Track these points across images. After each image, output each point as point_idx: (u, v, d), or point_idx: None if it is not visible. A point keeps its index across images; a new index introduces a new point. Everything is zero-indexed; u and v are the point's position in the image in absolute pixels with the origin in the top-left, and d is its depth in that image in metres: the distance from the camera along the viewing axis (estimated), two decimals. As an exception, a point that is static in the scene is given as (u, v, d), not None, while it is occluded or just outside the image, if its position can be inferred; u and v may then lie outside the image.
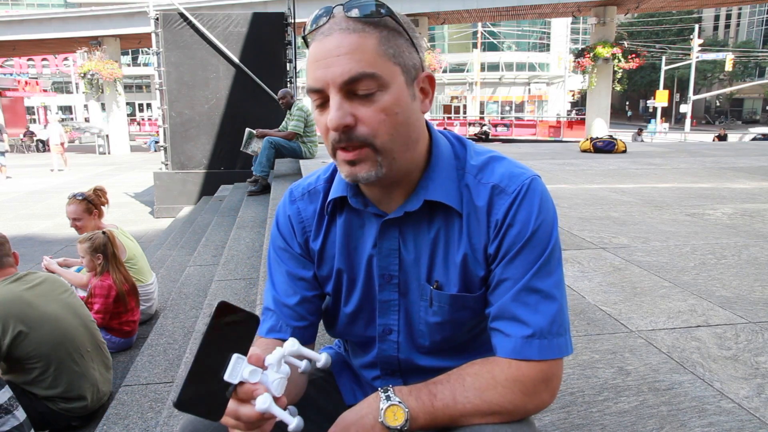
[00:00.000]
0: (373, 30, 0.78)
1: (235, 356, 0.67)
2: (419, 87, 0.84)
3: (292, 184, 1.03)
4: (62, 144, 16.91)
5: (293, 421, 0.70)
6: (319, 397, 1.02)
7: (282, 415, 0.69)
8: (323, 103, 0.80)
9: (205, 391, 0.66)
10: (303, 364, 0.77)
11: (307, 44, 0.85)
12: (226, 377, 0.66)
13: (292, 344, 0.74)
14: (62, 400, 2.53)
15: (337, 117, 0.77)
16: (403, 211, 0.88)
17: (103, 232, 3.43)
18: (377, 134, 0.79)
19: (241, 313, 0.69)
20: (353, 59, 0.76)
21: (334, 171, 0.98)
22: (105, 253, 3.36)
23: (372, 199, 0.91)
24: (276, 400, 0.70)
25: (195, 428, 0.88)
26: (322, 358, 0.76)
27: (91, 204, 3.80)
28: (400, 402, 0.79)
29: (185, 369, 0.67)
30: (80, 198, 3.77)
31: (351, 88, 0.77)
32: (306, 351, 0.75)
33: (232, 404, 0.69)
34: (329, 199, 0.94)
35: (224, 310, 0.68)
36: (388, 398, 0.80)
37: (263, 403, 0.67)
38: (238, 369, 0.67)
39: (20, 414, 2.22)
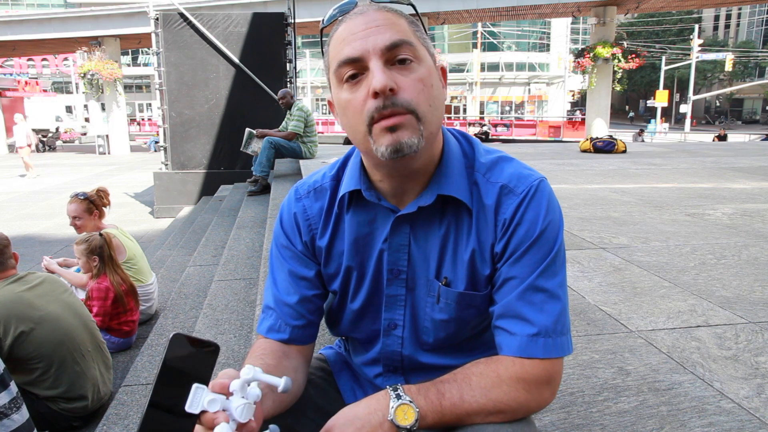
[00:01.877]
0: (400, 15, 0.83)
1: (194, 386, 0.67)
2: (438, 74, 0.87)
3: (297, 182, 1.03)
4: (29, 146, 15.19)
5: None
6: (318, 396, 1.02)
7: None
8: (356, 76, 0.80)
9: (167, 424, 0.66)
10: (282, 383, 0.75)
11: (321, 40, 0.88)
12: (187, 408, 0.66)
13: (247, 372, 0.72)
14: (63, 400, 2.53)
15: (382, 80, 0.77)
16: (416, 206, 0.88)
17: (100, 234, 3.43)
18: (419, 102, 0.80)
19: (198, 343, 0.69)
20: (392, 29, 0.80)
21: (341, 169, 0.98)
22: (101, 255, 3.35)
23: (384, 194, 0.91)
24: (242, 426, 0.69)
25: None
26: (281, 383, 0.74)
27: (92, 204, 3.80)
28: (411, 401, 0.79)
29: (145, 406, 0.67)
30: (82, 197, 3.77)
31: (391, 56, 0.79)
32: (265, 377, 0.74)
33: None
34: (342, 192, 0.94)
35: (179, 342, 0.68)
36: (398, 397, 0.79)
37: (222, 426, 0.67)
38: (198, 399, 0.67)
39: (19, 417, 2.20)
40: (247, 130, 6.50)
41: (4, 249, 2.52)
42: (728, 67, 33.35)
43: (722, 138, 22.65)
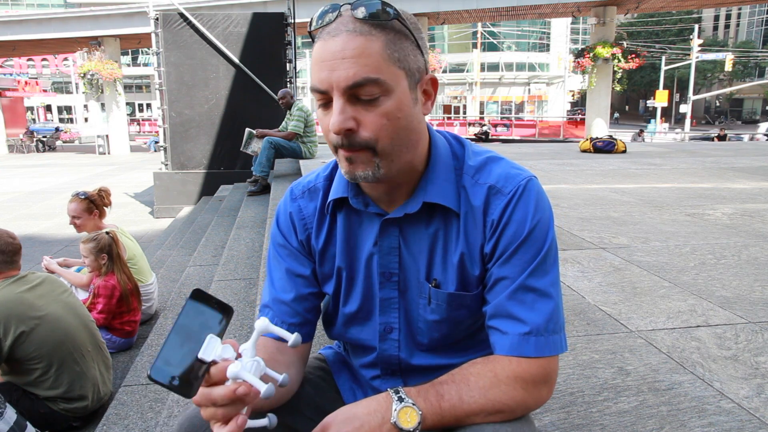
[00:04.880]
0: (379, 33, 0.78)
1: (209, 336, 0.68)
2: (422, 90, 0.85)
3: (293, 183, 1.04)
4: None
5: (264, 387, 0.69)
6: (317, 395, 1.02)
7: (254, 381, 0.69)
8: (326, 104, 0.81)
9: (179, 367, 0.66)
10: (281, 378, 0.75)
11: (312, 39, 0.86)
12: (200, 354, 0.67)
13: (262, 322, 0.73)
14: (63, 401, 2.53)
15: (339, 121, 0.78)
16: (402, 213, 0.89)
17: (107, 233, 3.43)
18: (378, 138, 0.80)
19: (215, 301, 0.70)
20: (358, 63, 0.76)
21: (334, 169, 0.98)
22: (110, 253, 3.37)
23: (373, 198, 0.92)
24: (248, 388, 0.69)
25: (192, 425, 0.88)
26: (292, 337, 0.74)
27: (92, 204, 3.80)
28: (413, 404, 0.79)
29: (162, 343, 0.68)
30: (82, 197, 3.78)
31: (354, 93, 0.78)
32: (276, 329, 0.75)
33: (204, 389, 0.69)
34: (330, 199, 0.94)
35: (199, 296, 0.70)
36: (401, 399, 0.79)
37: (234, 367, 0.68)
38: (211, 348, 0.68)
39: (3, 424, 2.19)
40: (247, 130, 6.51)
41: (17, 251, 2.55)
42: (728, 67, 33.32)
43: (722, 138, 22.62)
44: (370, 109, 0.79)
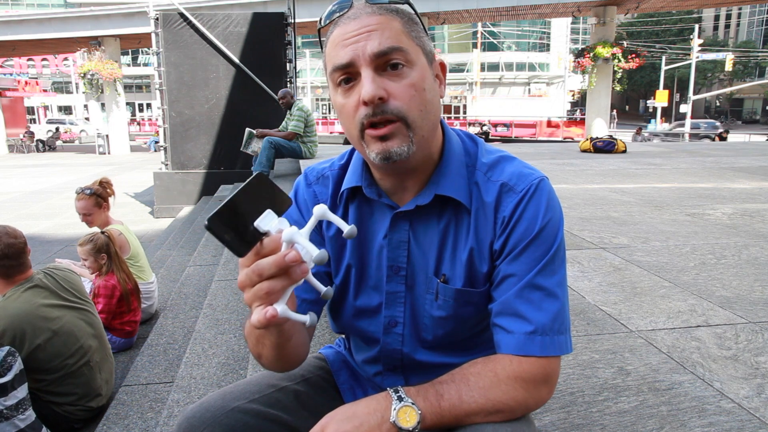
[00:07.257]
0: (395, 15, 0.82)
1: (268, 210, 0.68)
2: (435, 73, 0.87)
3: (307, 168, 1.04)
4: None
5: (316, 252, 0.67)
6: (317, 394, 1.03)
7: (307, 245, 0.68)
8: (348, 81, 0.81)
9: (235, 224, 0.66)
10: (308, 318, 0.75)
11: (320, 40, 0.87)
12: (257, 222, 0.67)
13: (321, 208, 0.72)
14: (67, 405, 2.52)
15: (371, 89, 0.78)
16: (414, 205, 0.89)
17: (102, 232, 3.43)
18: (409, 108, 0.81)
19: (277, 189, 0.70)
20: (383, 35, 0.80)
21: (349, 159, 0.99)
22: (108, 252, 3.36)
23: (386, 190, 0.92)
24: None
25: (191, 425, 0.88)
26: (346, 228, 0.72)
27: (99, 198, 3.80)
28: (413, 403, 0.79)
29: (224, 201, 0.67)
30: (89, 193, 3.78)
31: (381, 62, 0.79)
32: (333, 216, 0.73)
33: (253, 259, 0.67)
34: (344, 188, 0.95)
35: (263, 179, 0.69)
36: (400, 398, 0.79)
37: (291, 230, 0.67)
38: (268, 220, 0.67)
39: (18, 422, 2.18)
40: (247, 130, 6.51)
41: (21, 252, 2.44)
42: (728, 67, 33.29)
43: (722, 138, 22.60)
44: (397, 80, 0.80)
